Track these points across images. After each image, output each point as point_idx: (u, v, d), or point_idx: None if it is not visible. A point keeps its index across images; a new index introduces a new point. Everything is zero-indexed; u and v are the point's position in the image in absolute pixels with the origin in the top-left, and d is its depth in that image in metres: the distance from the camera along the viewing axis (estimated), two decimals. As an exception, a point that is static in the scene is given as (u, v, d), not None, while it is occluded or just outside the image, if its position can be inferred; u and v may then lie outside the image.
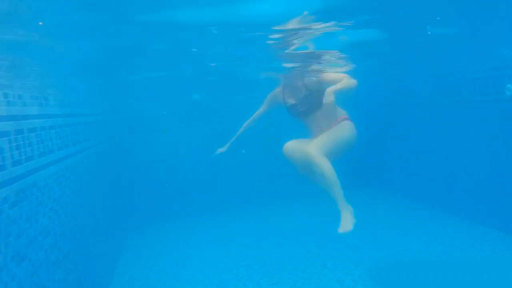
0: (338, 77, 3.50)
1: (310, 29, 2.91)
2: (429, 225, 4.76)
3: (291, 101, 3.78)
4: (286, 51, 3.56)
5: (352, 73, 3.60)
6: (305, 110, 3.71)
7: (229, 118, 6.43)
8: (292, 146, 3.66)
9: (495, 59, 4.06)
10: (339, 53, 4.04)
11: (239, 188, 6.40)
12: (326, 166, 3.26)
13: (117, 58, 3.66)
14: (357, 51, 4.12)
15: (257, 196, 6.43)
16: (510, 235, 4.14)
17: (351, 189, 5.36)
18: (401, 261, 3.92)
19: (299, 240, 4.76)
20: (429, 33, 3.62)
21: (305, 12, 2.52)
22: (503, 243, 4.01)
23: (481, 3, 3.11)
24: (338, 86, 3.28)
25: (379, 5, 2.72)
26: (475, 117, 4.46)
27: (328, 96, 3.22)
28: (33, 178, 2.22)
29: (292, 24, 2.74)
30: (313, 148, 3.32)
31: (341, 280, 3.64)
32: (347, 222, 3.36)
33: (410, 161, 5.94)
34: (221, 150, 4.32)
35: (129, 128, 6.07)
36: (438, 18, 3.35)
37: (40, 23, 2.19)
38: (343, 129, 3.58)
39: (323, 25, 2.85)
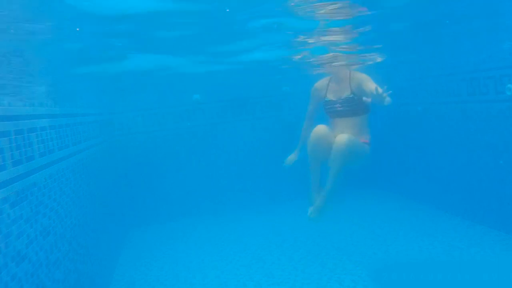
0: (372, 89, 3.53)
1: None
2: (429, 225, 4.76)
3: (332, 97, 3.75)
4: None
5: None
6: (342, 111, 3.68)
7: (229, 117, 6.45)
8: (325, 130, 3.61)
9: (495, 59, 4.06)
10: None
11: (239, 188, 6.40)
12: (347, 158, 3.35)
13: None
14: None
15: (257, 196, 6.43)
16: (510, 235, 4.14)
17: (351, 190, 5.39)
18: (401, 261, 3.92)
19: (299, 240, 4.76)
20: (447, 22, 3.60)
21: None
22: (503, 243, 4.02)
23: (483, 3, 3.11)
24: (382, 92, 3.29)
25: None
26: (475, 117, 4.46)
27: (375, 89, 3.17)
28: (34, 178, 2.22)
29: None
30: (349, 136, 3.40)
31: (341, 280, 3.64)
32: (318, 211, 3.61)
33: (410, 162, 5.94)
34: (292, 158, 4.19)
35: (129, 128, 6.07)
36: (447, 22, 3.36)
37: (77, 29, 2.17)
38: (362, 147, 3.63)
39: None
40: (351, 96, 3.62)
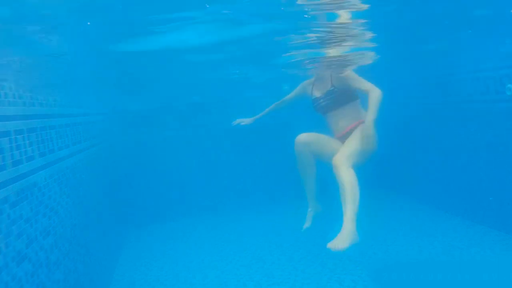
0: (364, 85, 3.52)
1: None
2: (429, 225, 4.76)
3: (317, 94, 3.83)
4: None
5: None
6: (327, 105, 3.76)
7: (228, 117, 6.44)
8: (308, 139, 3.67)
9: (495, 59, 4.06)
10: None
11: (239, 188, 6.39)
12: (352, 179, 3.15)
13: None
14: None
15: (257, 196, 6.43)
16: (510, 235, 4.14)
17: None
18: (401, 261, 3.92)
19: (299, 240, 4.76)
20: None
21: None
22: (503, 243, 4.01)
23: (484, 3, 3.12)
24: (372, 113, 3.35)
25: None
26: (475, 117, 4.46)
27: (368, 130, 3.29)
28: (34, 178, 2.22)
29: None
30: (342, 157, 3.23)
31: (341, 280, 3.64)
32: (344, 240, 3.04)
33: (410, 161, 5.94)
34: (245, 121, 4.35)
35: (129, 128, 6.07)
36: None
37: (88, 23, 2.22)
38: (370, 139, 3.48)
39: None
40: (331, 88, 3.72)
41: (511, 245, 3.96)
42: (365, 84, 3.52)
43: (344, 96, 3.68)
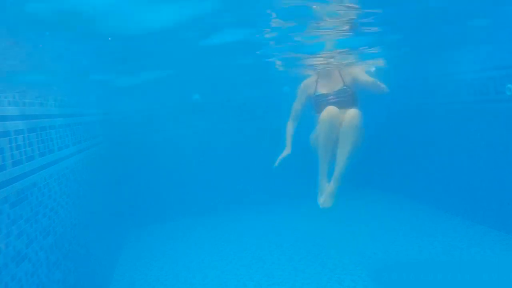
0: (369, 79, 3.81)
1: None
2: (429, 225, 4.76)
3: (324, 90, 3.87)
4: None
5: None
6: (335, 102, 3.81)
7: (229, 117, 6.45)
8: (337, 111, 3.79)
9: (495, 59, 4.06)
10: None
11: (239, 188, 6.39)
12: (359, 137, 3.56)
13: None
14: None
15: (257, 196, 6.43)
16: (510, 235, 4.14)
17: (350, 190, 5.38)
18: (401, 261, 3.92)
19: (299, 240, 4.76)
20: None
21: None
22: (503, 243, 4.01)
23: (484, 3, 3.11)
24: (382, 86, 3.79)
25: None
26: (475, 117, 4.46)
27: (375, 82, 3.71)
28: (34, 178, 2.22)
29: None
30: (357, 110, 3.62)
31: (341, 280, 3.64)
32: (331, 198, 3.65)
33: (410, 161, 5.94)
34: (284, 154, 4.26)
35: (129, 128, 6.07)
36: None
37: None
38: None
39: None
40: (344, 87, 3.82)
41: (511, 245, 3.96)
42: (371, 80, 3.81)
43: (353, 98, 3.86)
